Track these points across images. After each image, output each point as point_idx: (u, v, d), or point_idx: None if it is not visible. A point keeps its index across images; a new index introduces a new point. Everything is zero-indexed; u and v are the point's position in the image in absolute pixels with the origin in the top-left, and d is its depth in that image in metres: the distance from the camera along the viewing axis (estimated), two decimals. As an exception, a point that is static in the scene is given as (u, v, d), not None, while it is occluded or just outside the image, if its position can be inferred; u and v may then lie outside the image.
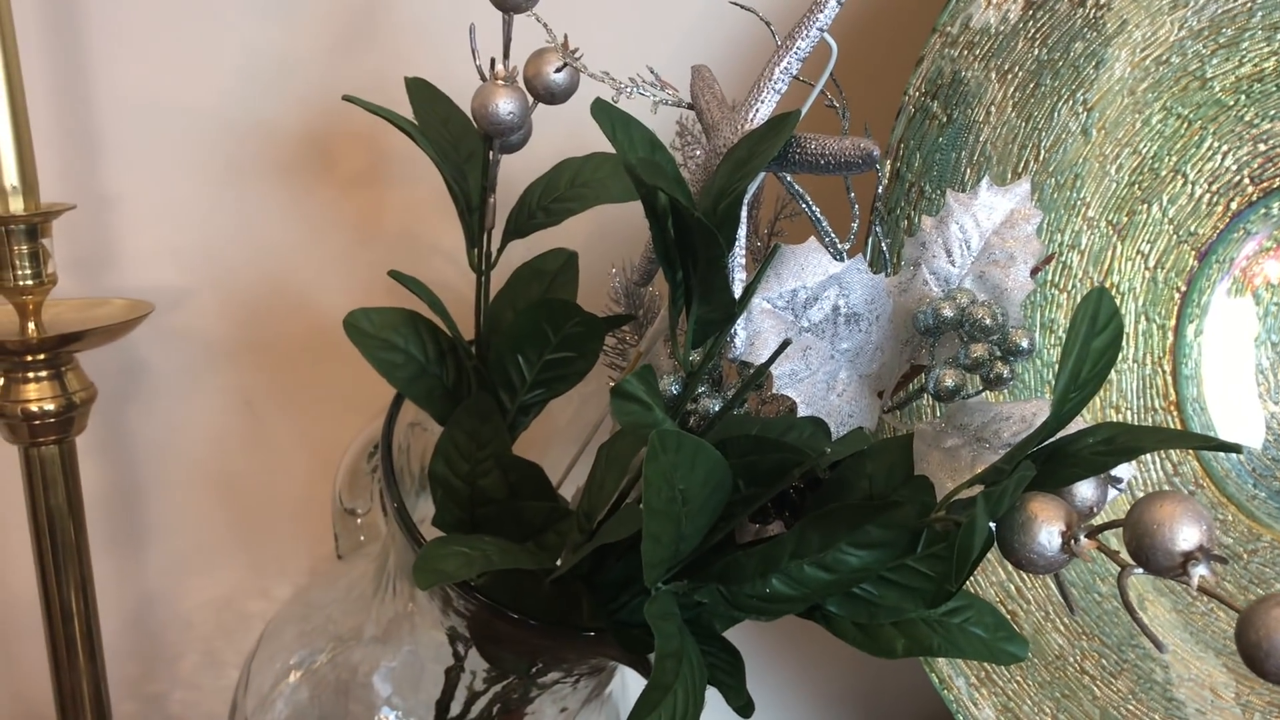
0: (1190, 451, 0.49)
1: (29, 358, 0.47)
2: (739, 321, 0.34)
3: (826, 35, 0.34)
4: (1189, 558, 0.26)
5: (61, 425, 0.48)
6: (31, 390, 0.47)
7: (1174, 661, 0.48)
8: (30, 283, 0.46)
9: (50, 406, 0.47)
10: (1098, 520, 0.32)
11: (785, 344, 0.31)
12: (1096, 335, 0.30)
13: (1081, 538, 0.29)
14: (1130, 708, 0.48)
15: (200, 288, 0.57)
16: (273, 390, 0.59)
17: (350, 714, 0.47)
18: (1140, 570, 0.28)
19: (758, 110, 0.34)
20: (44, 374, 0.47)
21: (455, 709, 0.46)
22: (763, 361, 0.35)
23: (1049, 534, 0.29)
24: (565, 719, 0.45)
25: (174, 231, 0.56)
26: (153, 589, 0.60)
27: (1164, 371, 0.49)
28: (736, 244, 0.34)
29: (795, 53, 0.34)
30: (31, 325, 0.47)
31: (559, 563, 0.39)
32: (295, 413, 0.59)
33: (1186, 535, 0.26)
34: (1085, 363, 0.30)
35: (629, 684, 0.49)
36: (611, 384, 0.47)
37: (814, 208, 0.38)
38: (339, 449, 0.54)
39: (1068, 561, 0.29)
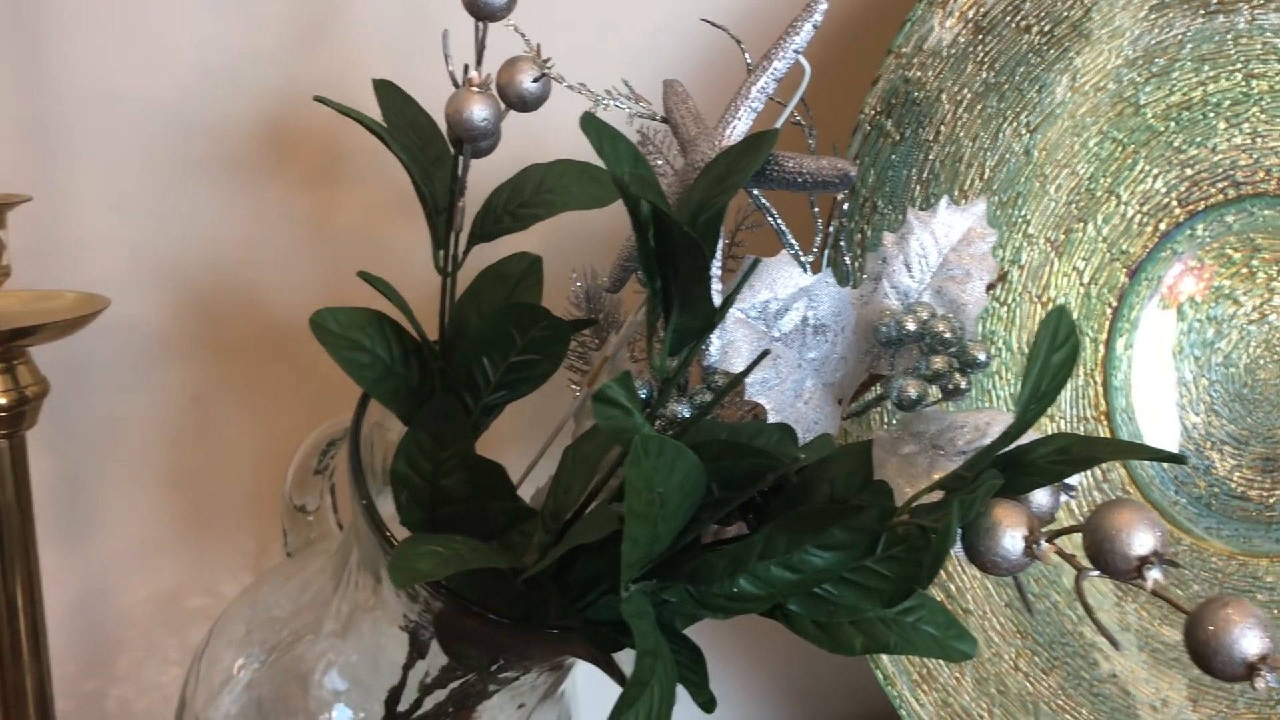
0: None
1: (-21, 351, 0.46)
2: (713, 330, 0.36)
3: (801, 57, 0.35)
4: (1144, 562, 0.28)
5: (12, 420, 0.47)
6: (-18, 384, 0.46)
7: (1101, 660, 0.51)
8: (-17, 275, 0.46)
9: (1, 401, 0.47)
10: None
11: (765, 354, 0.32)
12: (1055, 351, 0.32)
13: (1042, 542, 0.30)
14: (1060, 702, 0.50)
15: (149, 280, 0.56)
16: (220, 386, 0.58)
17: (304, 710, 0.47)
18: (1096, 573, 0.30)
19: (735, 127, 0.35)
20: (-5, 368, 0.47)
21: (406, 703, 0.46)
22: (735, 368, 0.36)
23: (1013, 538, 0.30)
24: (522, 714, 0.46)
25: (122, 224, 0.55)
26: (93, 585, 0.59)
27: (1095, 383, 0.52)
28: (714, 257, 0.35)
29: (772, 73, 0.35)
30: (-17, 318, 0.46)
31: (527, 561, 0.40)
32: (242, 409, 0.59)
33: (1142, 541, 0.28)
34: (1045, 376, 0.32)
35: (579, 682, 0.50)
36: (573, 387, 0.48)
37: (779, 221, 0.40)
38: (285, 445, 0.54)
39: (1029, 564, 0.31)
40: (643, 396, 0.38)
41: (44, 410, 0.53)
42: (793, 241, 0.39)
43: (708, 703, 0.37)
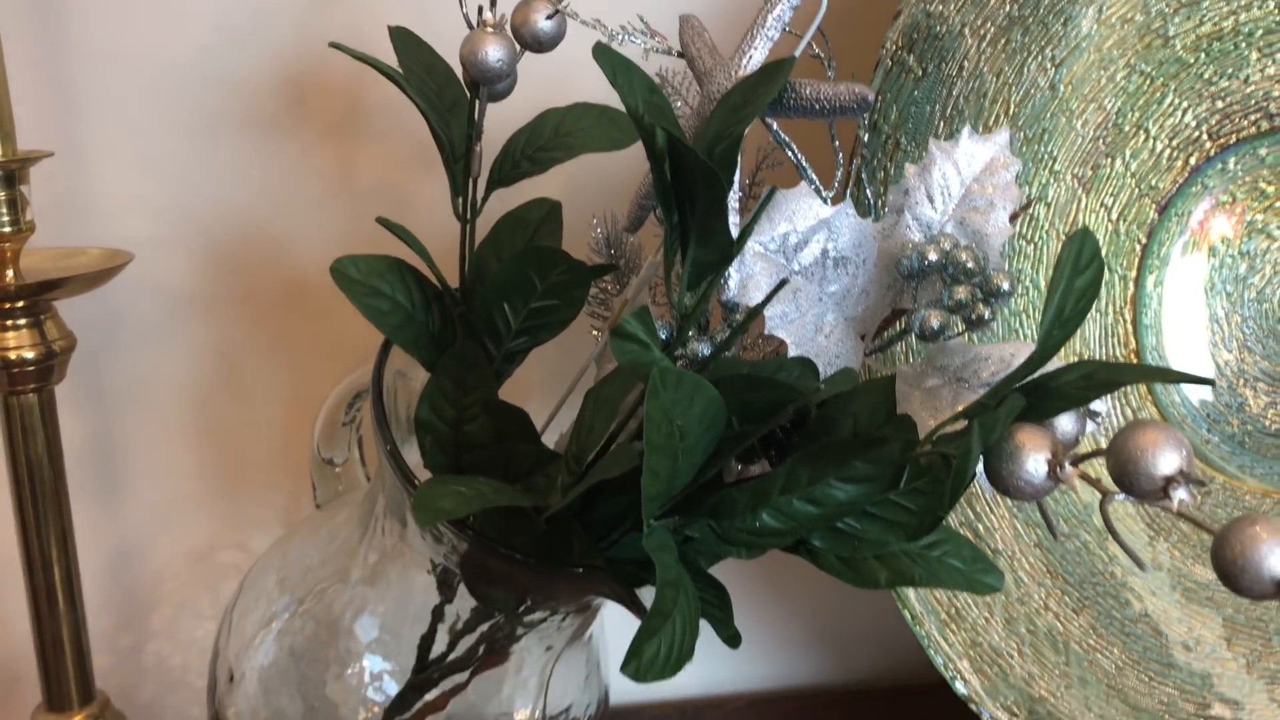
0: (1149, 397, 0.51)
1: (7, 305, 0.46)
2: (731, 264, 0.35)
3: (817, -15, 0.35)
4: (1170, 481, 0.28)
5: (41, 373, 0.48)
6: (10, 338, 0.47)
7: (1132, 599, 0.50)
8: (8, 230, 0.46)
9: (29, 355, 0.47)
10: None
11: (783, 283, 0.32)
12: (1079, 274, 0.31)
13: (1066, 465, 0.30)
14: (1091, 641, 0.50)
15: (174, 238, 0.56)
16: (247, 341, 0.59)
17: (336, 659, 0.48)
18: (1122, 496, 0.30)
19: (750, 57, 0.35)
20: (22, 322, 0.47)
21: (437, 650, 0.47)
22: (755, 303, 0.36)
23: (1036, 462, 0.30)
24: (550, 657, 0.46)
25: (147, 182, 0.56)
26: (126, 542, 0.60)
27: (1125, 320, 0.51)
28: (731, 188, 0.35)
29: (788, 1, 0.35)
30: (10, 273, 0.47)
31: (551, 502, 0.40)
32: (270, 364, 0.59)
33: (1168, 460, 0.28)
34: (1069, 300, 0.31)
35: (606, 626, 0.50)
36: (595, 333, 0.48)
37: (799, 155, 0.39)
38: (314, 399, 0.54)
39: (1053, 488, 0.30)
40: (663, 338, 0.38)
41: (74, 371, 0.54)
42: (813, 176, 0.39)
43: (732, 637, 0.37)
